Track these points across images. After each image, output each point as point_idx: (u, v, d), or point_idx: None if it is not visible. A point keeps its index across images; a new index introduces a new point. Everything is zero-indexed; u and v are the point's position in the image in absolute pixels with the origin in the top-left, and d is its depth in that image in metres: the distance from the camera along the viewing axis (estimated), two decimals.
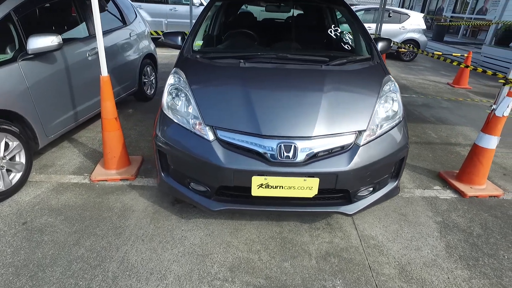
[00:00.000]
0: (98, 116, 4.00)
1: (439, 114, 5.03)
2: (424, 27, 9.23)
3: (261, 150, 1.96)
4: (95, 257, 2.06)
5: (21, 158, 2.66)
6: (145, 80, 4.75)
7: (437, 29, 11.74)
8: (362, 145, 2.04)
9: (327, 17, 3.98)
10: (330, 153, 2.01)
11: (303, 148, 1.96)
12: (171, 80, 2.37)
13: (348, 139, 2.04)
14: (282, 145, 1.95)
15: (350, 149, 2.03)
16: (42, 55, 2.82)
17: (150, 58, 4.83)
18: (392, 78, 2.47)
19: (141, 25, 4.68)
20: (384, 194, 2.29)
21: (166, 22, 8.92)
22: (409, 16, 9.14)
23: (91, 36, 3.52)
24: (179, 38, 2.90)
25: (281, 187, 1.98)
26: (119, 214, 2.47)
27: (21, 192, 2.67)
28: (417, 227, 2.49)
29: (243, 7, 4.99)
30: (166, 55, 8.34)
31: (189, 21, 8.59)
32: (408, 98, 5.83)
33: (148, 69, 4.82)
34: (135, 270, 1.99)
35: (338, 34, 2.83)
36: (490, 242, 2.37)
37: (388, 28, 8.67)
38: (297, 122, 2.02)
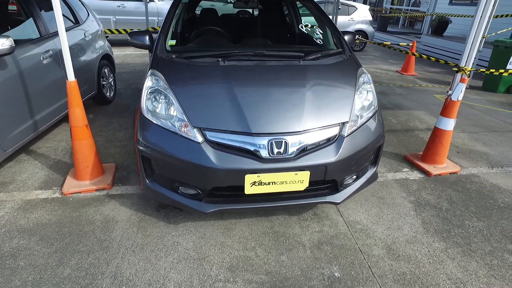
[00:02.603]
0: (55, 125, 3.72)
1: (395, 101, 5.40)
2: (371, 18, 9.77)
3: (252, 148, 1.97)
4: (84, 275, 1.94)
5: None
6: (104, 83, 4.48)
7: (381, 20, 12.50)
8: (347, 136, 2.14)
9: (289, 11, 4.05)
10: (318, 146, 2.08)
11: (294, 143, 2.00)
12: (149, 82, 2.27)
13: (333, 131, 2.12)
14: (273, 141, 1.97)
15: (336, 141, 2.12)
16: None
17: (107, 59, 4.55)
18: (365, 70, 2.60)
19: (95, 24, 4.38)
20: (366, 180, 2.43)
21: (114, 19, 8.42)
22: (357, 8, 9.62)
23: (44, 37, 3.23)
24: (147, 37, 2.78)
25: (273, 183, 2.01)
26: (102, 227, 2.33)
27: None
28: (395, 208, 2.67)
29: (206, 2, 4.89)
30: (119, 55, 7.91)
31: (140, 18, 8.24)
32: None
33: (106, 70, 4.54)
34: (131, 283, 1.91)
35: (309, 29, 2.90)
36: (456, 214, 2.63)
37: (338, 20, 9.02)
38: (286, 117, 2.05)
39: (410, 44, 7.31)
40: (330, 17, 7.33)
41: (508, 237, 2.40)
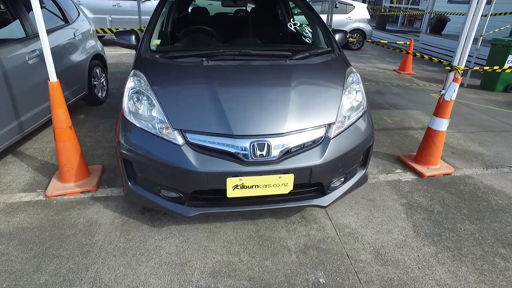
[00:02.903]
0: (44, 125, 3.67)
1: (391, 100, 5.33)
2: (369, 17, 9.69)
3: (234, 151, 1.92)
4: (61, 282, 1.89)
5: None
6: (95, 83, 4.43)
7: (380, 18, 12.41)
8: (333, 138, 2.08)
9: (281, 9, 3.98)
10: (302, 148, 2.02)
11: (277, 145, 1.94)
12: (130, 83, 2.22)
13: (319, 133, 2.06)
14: (255, 144, 1.91)
15: (321, 143, 2.06)
16: None
17: (98, 58, 4.50)
18: (354, 70, 2.54)
19: (86, 23, 4.33)
20: (355, 182, 2.37)
21: (110, 19, 8.37)
22: (354, 6, 9.53)
23: (29, 37, 3.18)
24: (133, 37, 2.72)
25: (256, 186, 1.96)
26: (84, 231, 2.28)
27: None
28: (385, 210, 2.61)
29: (196, 2, 4.83)
30: (114, 54, 7.87)
31: (136, 17, 8.14)
32: None
33: (98, 70, 4.49)
34: None
35: (298, 28, 2.84)
36: (448, 217, 2.56)
37: (335, 18, 8.94)
38: (268, 119, 2.00)
39: (408, 42, 7.23)
40: (325, 16, 7.29)
41: (500, 240, 2.34)
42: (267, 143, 1.93)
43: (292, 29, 2.80)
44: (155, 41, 2.66)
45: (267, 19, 4.05)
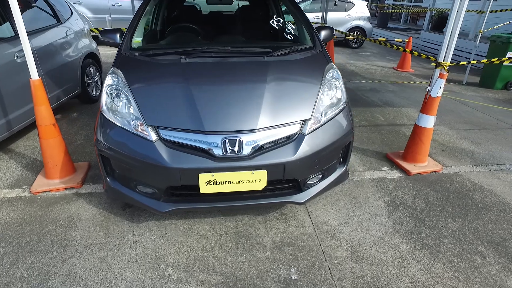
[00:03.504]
0: (35, 123, 3.72)
1: (386, 98, 5.29)
2: (369, 14, 9.62)
3: (205, 147, 1.93)
4: (36, 275, 1.92)
5: None
6: (88, 81, 4.48)
7: (381, 16, 12.30)
8: (308, 134, 2.08)
9: (271, 8, 3.98)
10: (276, 144, 2.02)
11: (248, 142, 1.95)
12: (109, 81, 2.25)
13: (293, 129, 2.06)
14: (227, 140, 1.92)
15: (295, 139, 2.06)
16: None
17: (92, 57, 4.55)
18: (335, 66, 2.53)
19: (79, 22, 4.38)
20: (334, 179, 2.36)
21: (109, 18, 8.44)
22: (354, 4, 9.47)
23: (18, 36, 3.22)
24: (118, 35, 2.75)
25: (229, 182, 1.97)
26: (65, 226, 2.32)
27: None
28: (367, 208, 2.60)
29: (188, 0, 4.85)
30: (113, 54, 7.93)
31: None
32: (357, 83, 6.06)
33: (91, 69, 4.55)
34: (83, 282, 1.88)
35: (281, 25, 2.84)
36: (431, 215, 2.54)
37: (335, 16, 8.92)
38: (241, 115, 2.00)
39: (406, 40, 7.17)
40: (320, 14, 7.23)
41: (480, 238, 2.31)
42: (239, 139, 1.93)
43: (275, 26, 2.79)
44: (137, 39, 2.68)
45: (257, 17, 4.05)
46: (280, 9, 3.96)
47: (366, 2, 10.07)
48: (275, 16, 2.81)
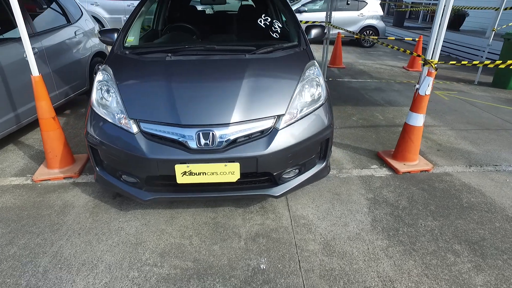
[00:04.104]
0: None
1: (389, 97, 5.24)
2: (382, 13, 9.47)
3: (181, 139, 2.04)
4: (27, 254, 2.10)
5: None
6: None
7: (397, 15, 12.06)
8: (281, 129, 2.15)
9: (270, 8, 4.05)
10: (250, 138, 2.11)
11: (222, 135, 2.05)
12: (99, 77, 2.41)
13: (267, 124, 2.14)
14: (201, 133, 2.03)
15: (269, 134, 2.13)
16: None
17: (101, 56, 4.79)
18: (316, 63, 2.58)
19: (88, 23, 4.63)
20: (313, 175, 2.42)
21: (125, 18, 8.75)
22: (367, 3, 9.35)
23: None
24: (115, 35, 2.92)
25: (204, 174, 2.07)
26: (59, 211, 2.50)
27: None
28: (348, 204, 2.64)
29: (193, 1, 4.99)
30: None
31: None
32: (363, 82, 6.02)
33: (100, 67, 4.77)
34: (67, 262, 2.05)
35: (268, 24, 2.91)
36: (412, 213, 2.55)
37: (347, 15, 8.86)
38: (215, 110, 2.10)
39: (416, 39, 7.03)
40: (337, 12, 7.20)
41: (459, 237, 2.30)
42: (212, 133, 2.04)
43: (262, 25, 2.87)
44: (130, 38, 2.84)
45: (256, 16, 4.12)
46: (278, 10, 4.02)
47: (379, 1, 9.90)
48: (263, 15, 2.88)
